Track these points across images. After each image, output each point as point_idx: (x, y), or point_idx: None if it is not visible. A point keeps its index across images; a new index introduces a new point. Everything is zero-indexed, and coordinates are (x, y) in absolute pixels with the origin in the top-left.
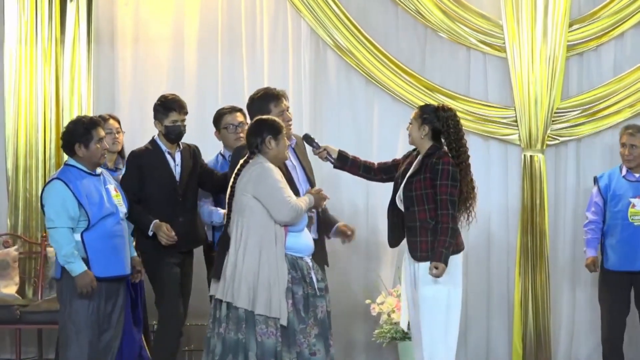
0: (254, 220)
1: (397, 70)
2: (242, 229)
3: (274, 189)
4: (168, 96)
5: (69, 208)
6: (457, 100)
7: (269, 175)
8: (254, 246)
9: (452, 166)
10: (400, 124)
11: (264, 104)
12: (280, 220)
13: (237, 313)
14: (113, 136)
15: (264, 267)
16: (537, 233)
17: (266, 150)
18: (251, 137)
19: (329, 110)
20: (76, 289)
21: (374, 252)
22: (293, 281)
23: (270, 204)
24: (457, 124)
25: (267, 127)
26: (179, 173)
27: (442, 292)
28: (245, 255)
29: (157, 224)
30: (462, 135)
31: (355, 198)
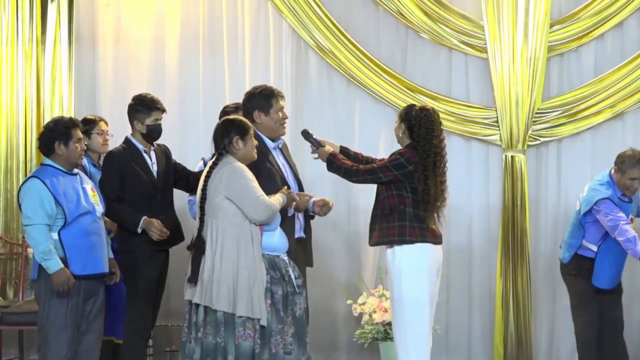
0: (229, 221)
1: (379, 70)
2: (216, 231)
3: (247, 188)
4: (146, 96)
5: (46, 205)
6: (439, 100)
7: (240, 175)
8: (231, 247)
9: (405, 158)
10: (382, 125)
11: (267, 99)
12: (255, 219)
13: (216, 316)
14: (104, 137)
15: (242, 268)
16: (518, 233)
17: (234, 151)
18: (219, 138)
19: (311, 111)
20: (53, 288)
21: (355, 253)
22: (272, 281)
23: (244, 204)
24: (430, 124)
25: (234, 128)
26: (157, 171)
27: (404, 287)
28: (222, 257)
29: (147, 220)
30: (435, 135)
31: (337, 199)
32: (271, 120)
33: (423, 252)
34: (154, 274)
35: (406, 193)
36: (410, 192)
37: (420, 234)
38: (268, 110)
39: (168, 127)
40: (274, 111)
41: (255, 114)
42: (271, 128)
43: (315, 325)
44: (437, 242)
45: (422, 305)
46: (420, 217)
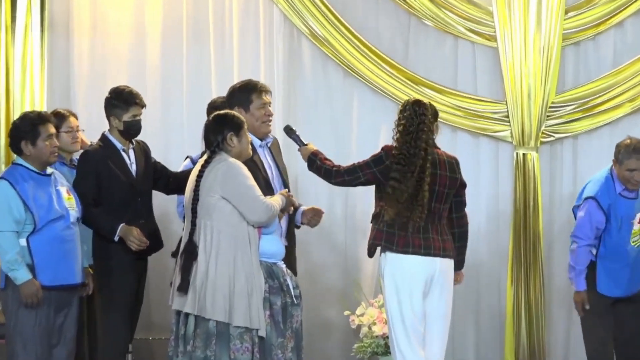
0: (225, 222)
1: (378, 61)
2: (211, 233)
3: (245, 187)
4: (124, 89)
5: (14, 211)
6: (444, 93)
7: (237, 172)
8: (227, 250)
9: (385, 152)
10: (382, 120)
11: (245, 95)
12: (254, 220)
13: (207, 327)
14: (73, 134)
15: (240, 274)
16: (531, 238)
17: (228, 149)
18: (211, 135)
19: (304, 105)
20: (21, 298)
21: (352, 259)
22: (271, 291)
23: (242, 204)
24: (410, 120)
25: (227, 123)
26: (136, 171)
27: (386, 296)
28: (218, 261)
29: (125, 228)
30: (413, 135)
31: (333, 201)
32: (252, 118)
33: (402, 260)
34: (131, 284)
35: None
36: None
37: (384, 238)
38: (248, 106)
39: (148, 123)
40: (255, 107)
41: (235, 110)
42: (253, 126)
43: (308, 338)
44: (417, 252)
45: (397, 320)
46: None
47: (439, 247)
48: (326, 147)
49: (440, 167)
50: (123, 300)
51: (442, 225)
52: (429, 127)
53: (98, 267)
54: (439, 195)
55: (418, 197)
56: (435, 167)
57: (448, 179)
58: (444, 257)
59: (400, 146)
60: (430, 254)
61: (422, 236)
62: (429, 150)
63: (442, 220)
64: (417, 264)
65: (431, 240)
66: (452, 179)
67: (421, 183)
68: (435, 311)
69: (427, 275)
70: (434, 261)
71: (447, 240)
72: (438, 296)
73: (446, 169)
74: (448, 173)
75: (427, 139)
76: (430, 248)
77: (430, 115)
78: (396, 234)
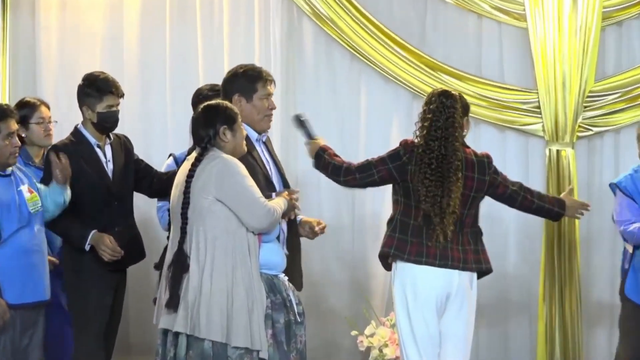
0: (221, 228)
1: (390, 43)
2: (205, 241)
3: (243, 188)
4: (98, 75)
5: None
6: (466, 81)
7: (234, 170)
8: (224, 260)
9: (402, 147)
10: (394, 111)
11: (250, 82)
12: (254, 226)
13: (202, 348)
14: (45, 126)
15: (238, 287)
16: (566, 248)
17: (221, 144)
18: (201, 130)
19: (305, 94)
20: None
21: (361, 272)
22: (273, 307)
23: (240, 207)
24: (437, 114)
25: (220, 116)
26: (112, 170)
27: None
28: (213, 273)
29: (96, 236)
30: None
31: (338, 205)
32: (253, 109)
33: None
34: (106, 299)
35: (399, 197)
36: (403, 195)
37: (395, 245)
38: (251, 95)
39: (126, 115)
40: (258, 98)
41: (234, 99)
42: (253, 119)
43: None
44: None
45: (408, 339)
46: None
47: (458, 259)
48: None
49: (468, 168)
50: (97, 318)
51: (464, 233)
52: (459, 123)
53: (68, 280)
54: (464, 199)
55: (444, 203)
56: (462, 168)
57: (475, 182)
58: (464, 270)
59: (425, 143)
60: (447, 266)
61: (439, 244)
62: (460, 150)
63: (466, 227)
64: (431, 276)
65: (449, 250)
66: (480, 182)
67: (451, 187)
68: (452, 332)
69: (443, 290)
70: (451, 274)
71: (469, 251)
72: (456, 314)
73: (474, 169)
74: (476, 174)
75: (458, 136)
76: (447, 259)
77: (460, 108)
78: (409, 241)
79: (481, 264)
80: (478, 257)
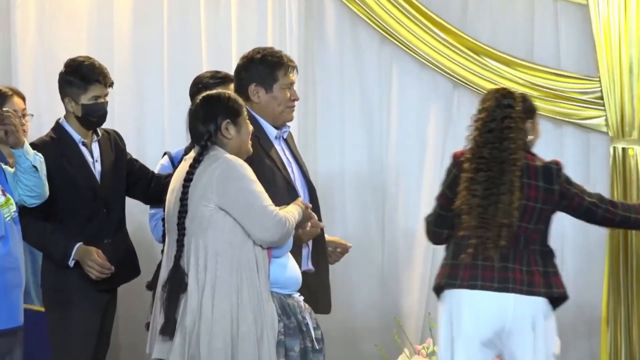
0: (224, 242)
1: (428, 23)
2: (205, 256)
3: (251, 194)
4: (83, 61)
5: None
6: (514, 67)
7: (239, 174)
8: (228, 279)
9: (452, 160)
10: (431, 101)
11: (269, 69)
12: (262, 239)
13: None
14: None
15: (245, 311)
16: (634, 263)
17: (224, 142)
18: (200, 125)
19: (327, 83)
20: None
21: (392, 291)
22: (286, 332)
23: (246, 216)
24: (491, 114)
25: (222, 108)
26: (100, 172)
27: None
28: (215, 293)
29: (82, 249)
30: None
31: (366, 218)
32: (274, 101)
33: (458, 300)
34: (93, 323)
35: (455, 217)
36: (457, 215)
37: (447, 274)
38: (271, 85)
39: (117, 108)
40: (280, 88)
41: (251, 89)
42: (273, 112)
43: None
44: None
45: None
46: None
47: (521, 281)
48: (356, 138)
49: (530, 175)
50: (82, 344)
51: (531, 251)
52: (517, 125)
53: (49, 301)
54: (528, 211)
55: (491, 213)
56: (523, 175)
57: (541, 191)
58: (530, 295)
59: (476, 147)
60: (506, 290)
61: (498, 265)
62: (518, 155)
63: (532, 244)
64: (486, 302)
65: (510, 272)
66: (547, 192)
67: (501, 195)
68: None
69: (500, 318)
70: (512, 299)
71: (536, 273)
72: (522, 351)
73: (537, 177)
74: (541, 183)
75: (515, 138)
76: (506, 281)
77: (521, 109)
78: (462, 265)
79: (552, 288)
80: (548, 281)
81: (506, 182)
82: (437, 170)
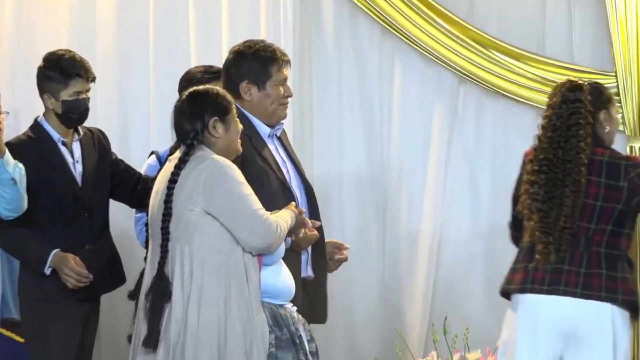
0: (211, 248)
1: (432, 14)
2: (191, 262)
3: (239, 197)
4: (63, 54)
5: None
6: (525, 61)
7: (227, 176)
8: (215, 288)
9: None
10: (436, 98)
11: (262, 65)
12: (252, 245)
13: None
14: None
15: (233, 322)
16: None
17: (211, 141)
18: (185, 122)
19: (324, 78)
20: None
21: (393, 299)
22: (278, 344)
23: (235, 221)
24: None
25: (210, 105)
26: (81, 173)
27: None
28: (201, 304)
29: (59, 256)
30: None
31: (365, 221)
32: (267, 99)
33: (513, 308)
34: (73, 335)
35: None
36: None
37: (506, 278)
38: (264, 82)
39: (99, 104)
40: (273, 85)
41: (242, 87)
42: (266, 110)
43: None
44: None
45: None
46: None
47: (576, 283)
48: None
49: (592, 171)
50: (61, 357)
51: (592, 253)
52: (586, 119)
53: (27, 311)
54: (585, 210)
55: (552, 217)
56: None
57: (603, 188)
58: (587, 299)
59: (540, 147)
60: (557, 292)
61: (552, 267)
62: (584, 151)
63: (594, 246)
64: (538, 307)
65: (564, 274)
66: (611, 189)
67: (564, 198)
68: None
69: (557, 324)
70: (568, 303)
71: (596, 275)
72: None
73: (601, 173)
74: (604, 179)
75: (583, 135)
76: (559, 283)
77: (590, 102)
78: (519, 269)
79: (617, 293)
80: (614, 286)
81: (569, 183)
82: (442, 170)
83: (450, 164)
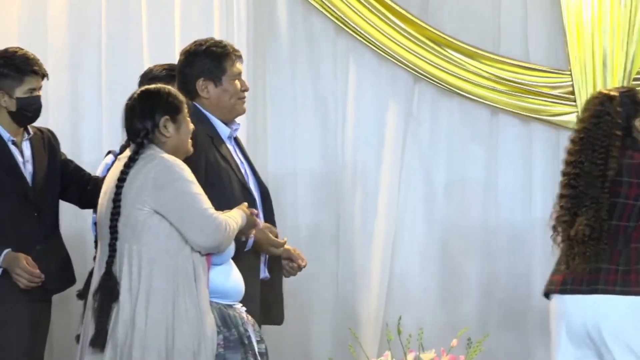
0: (159, 248)
1: (386, 12)
2: (139, 262)
3: (189, 196)
4: (16, 51)
5: None
6: (480, 59)
7: (176, 175)
8: (163, 289)
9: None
10: (390, 97)
11: (216, 61)
12: (200, 244)
13: None
14: None
15: (181, 322)
16: None
17: (162, 140)
18: (136, 121)
19: (278, 75)
20: None
21: (347, 296)
22: (226, 345)
23: (184, 221)
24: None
25: (161, 104)
26: (32, 173)
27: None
28: (149, 304)
29: (10, 256)
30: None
31: (318, 217)
32: (225, 94)
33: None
34: (24, 336)
35: None
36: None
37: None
38: (220, 77)
39: (52, 102)
40: (229, 79)
41: (199, 85)
42: (224, 106)
43: None
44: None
45: None
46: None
47: (614, 281)
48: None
49: (627, 172)
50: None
51: (631, 249)
52: (612, 132)
53: None
54: (625, 210)
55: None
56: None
57: (637, 187)
58: (626, 295)
59: (569, 160)
60: (596, 291)
61: (590, 266)
62: (613, 160)
63: (633, 242)
64: (576, 306)
65: (602, 273)
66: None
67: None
68: None
69: (595, 323)
70: (604, 301)
71: (633, 272)
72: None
73: (635, 173)
74: (638, 179)
75: (609, 147)
76: (596, 282)
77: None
78: (557, 271)
79: None
80: None
81: (589, 198)
82: (397, 168)
83: (405, 162)
